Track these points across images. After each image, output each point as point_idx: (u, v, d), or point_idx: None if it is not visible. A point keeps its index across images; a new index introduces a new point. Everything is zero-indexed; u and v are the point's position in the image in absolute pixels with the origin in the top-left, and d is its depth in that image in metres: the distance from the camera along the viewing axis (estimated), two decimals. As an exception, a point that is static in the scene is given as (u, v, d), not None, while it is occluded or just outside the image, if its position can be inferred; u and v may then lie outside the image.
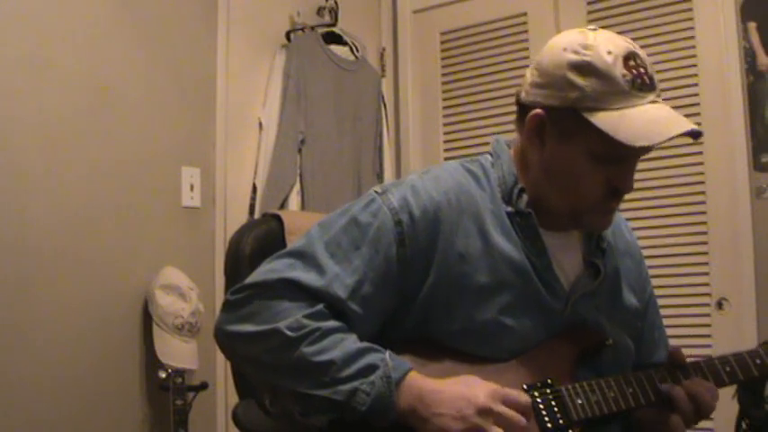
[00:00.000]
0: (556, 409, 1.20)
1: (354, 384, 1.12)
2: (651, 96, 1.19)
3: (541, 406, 1.20)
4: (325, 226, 1.25)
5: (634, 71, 1.18)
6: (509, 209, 1.28)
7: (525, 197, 1.28)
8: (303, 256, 1.22)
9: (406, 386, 1.13)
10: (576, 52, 1.20)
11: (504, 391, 1.14)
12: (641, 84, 1.18)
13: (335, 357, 1.14)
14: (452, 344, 1.23)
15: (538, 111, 1.24)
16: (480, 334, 1.22)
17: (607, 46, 1.19)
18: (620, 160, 1.21)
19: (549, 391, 1.21)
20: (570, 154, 1.22)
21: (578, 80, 1.18)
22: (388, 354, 1.16)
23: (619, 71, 1.17)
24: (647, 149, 1.21)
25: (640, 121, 1.17)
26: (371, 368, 1.13)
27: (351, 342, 1.16)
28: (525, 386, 1.21)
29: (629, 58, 1.18)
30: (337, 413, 1.14)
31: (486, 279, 1.23)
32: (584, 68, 1.18)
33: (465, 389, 1.13)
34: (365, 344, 1.17)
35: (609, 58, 1.18)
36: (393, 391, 1.12)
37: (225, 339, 1.24)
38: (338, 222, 1.25)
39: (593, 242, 1.34)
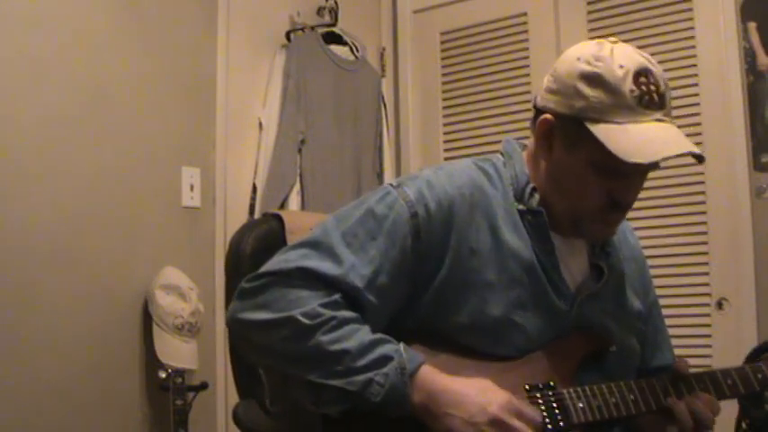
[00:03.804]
0: (557, 411, 1.20)
1: (369, 375, 1.13)
2: (657, 115, 1.20)
3: (543, 407, 1.20)
4: (340, 217, 1.26)
5: (643, 87, 1.19)
6: (521, 207, 1.29)
7: (537, 196, 1.29)
8: (319, 246, 1.22)
9: (420, 379, 1.14)
10: (588, 63, 1.21)
11: (519, 404, 1.14)
12: (648, 101, 1.19)
13: (350, 347, 1.14)
14: (459, 338, 1.23)
15: (547, 116, 1.25)
16: (488, 329, 1.23)
17: (621, 60, 1.20)
18: (620, 174, 1.21)
19: (551, 393, 1.22)
20: (574, 162, 1.23)
21: (586, 90, 1.20)
22: (402, 346, 1.16)
23: (627, 86, 1.18)
24: (651, 167, 1.21)
25: (639, 137, 1.17)
26: (386, 359, 1.14)
27: (366, 333, 1.17)
28: (527, 386, 1.22)
29: (640, 74, 1.19)
30: (350, 404, 1.15)
31: (495, 275, 1.24)
32: (594, 79, 1.19)
33: (481, 394, 1.13)
34: (380, 335, 1.17)
35: (619, 72, 1.18)
36: (407, 384, 1.12)
37: (239, 327, 1.24)
38: (354, 214, 1.25)
39: (597, 245, 1.35)
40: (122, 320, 2.26)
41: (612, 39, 1.26)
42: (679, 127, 1.24)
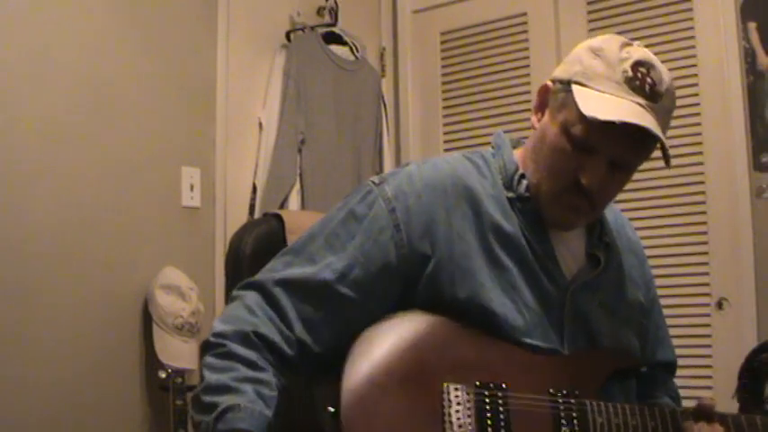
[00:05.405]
0: (576, 420, 1.20)
1: (202, 418, 1.12)
2: (639, 100, 1.20)
3: (562, 414, 1.19)
4: (325, 220, 1.28)
5: (638, 74, 1.21)
6: (510, 194, 1.30)
7: (525, 182, 1.29)
8: (302, 252, 1.25)
9: None
10: (599, 39, 1.26)
11: None
12: (637, 86, 1.20)
13: (209, 379, 1.14)
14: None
15: (547, 82, 1.29)
16: (487, 315, 1.22)
17: (631, 51, 1.23)
18: (587, 147, 1.21)
19: (573, 401, 1.21)
20: (553, 128, 1.24)
21: (586, 59, 1.24)
22: (239, 401, 1.10)
23: (623, 66, 1.21)
24: (619, 156, 1.21)
25: (609, 103, 1.19)
26: (212, 407, 1.11)
27: (234, 376, 1.13)
28: (551, 390, 1.21)
29: (642, 64, 1.21)
30: None
31: (486, 261, 1.25)
32: (596, 51, 1.24)
33: None
34: (236, 383, 1.12)
35: (623, 54, 1.22)
36: None
37: None
38: (337, 216, 1.28)
39: (595, 235, 1.35)
40: (122, 320, 2.26)
41: (642, 44, 1.27)
42: (679, 127, 1.24)
